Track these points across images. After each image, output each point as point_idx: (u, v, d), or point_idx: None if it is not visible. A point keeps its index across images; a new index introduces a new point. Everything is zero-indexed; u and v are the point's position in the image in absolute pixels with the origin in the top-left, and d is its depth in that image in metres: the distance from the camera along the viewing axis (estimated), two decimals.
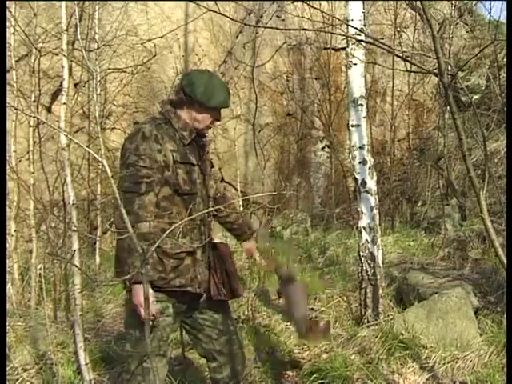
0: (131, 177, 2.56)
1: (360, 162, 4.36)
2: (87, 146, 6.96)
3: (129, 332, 2.71)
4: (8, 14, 5.49)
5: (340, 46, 8.94)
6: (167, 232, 1.94)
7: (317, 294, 5.17)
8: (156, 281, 2.58)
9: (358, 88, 4.41)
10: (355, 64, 4.38)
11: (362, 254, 4.34)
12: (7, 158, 5.40)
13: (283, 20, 9.01)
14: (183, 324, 2.93)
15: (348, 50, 4.41)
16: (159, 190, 2.61)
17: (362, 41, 4.05)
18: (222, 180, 8.49)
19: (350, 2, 4.37)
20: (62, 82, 4.24)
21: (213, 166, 3.01)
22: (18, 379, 3.71)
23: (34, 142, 5.66)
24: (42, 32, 6.27)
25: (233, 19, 3.28)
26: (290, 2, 8.71)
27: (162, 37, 5.75)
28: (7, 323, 4.26)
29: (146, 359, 2.57)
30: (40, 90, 5.78)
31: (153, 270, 2.57)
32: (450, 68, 2.81)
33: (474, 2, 10.62)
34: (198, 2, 2.92)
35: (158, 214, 2.61)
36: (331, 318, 4.63)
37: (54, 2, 6.96)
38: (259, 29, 8.18)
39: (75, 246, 3.43)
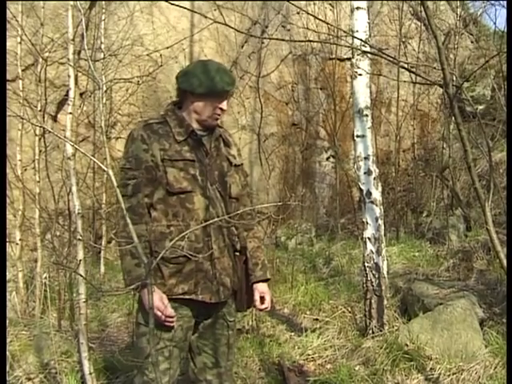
0: (121, 180, 2.53)
1: (365, 173, 4.37)
2: (92, 156, 6.98)
3: (138, 342, 2.60)
4: (15, 23, 5.54)
5: (345, 56, 8.97)
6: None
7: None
8: (159, 287, 2.45)
9: (363, 98, 4.42)
10: (360, 75, 4.40)
11: (366, 264, 4.33)
12: (13, 166, 5.44)
13: (288, 30, 9.05)
14: None
15: (353, 60, 4.42)
16: (152, 191, 2.52)
17: (367, 52, 4.06)
18: None
19: (355, 12, 4.39)
20: (67, 92, 4.26)
21: (238, 165, 2.77)
22: None
23: (40, 151, 5.67)
24: (48, 41, 6.30)
25: (238, 30, 3.29)
26: (295, 12, 8.76)
27: (168, 47, 5.77)
28: (11, 332, 4.26)
29: (147, 371, 2.47)
30: (46, 100, 5.80)
31: (154, 277, 2.45)
32: (454, 79, 2.81)
33: (479, 13, 10.66)
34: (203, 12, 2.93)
35: (155, 217, 2.52)
36: (336, 329, 4.62)
37: (60, 11, 7.02)
38: (264, 39, 8.20)
39: (80, 255, 3.43)
